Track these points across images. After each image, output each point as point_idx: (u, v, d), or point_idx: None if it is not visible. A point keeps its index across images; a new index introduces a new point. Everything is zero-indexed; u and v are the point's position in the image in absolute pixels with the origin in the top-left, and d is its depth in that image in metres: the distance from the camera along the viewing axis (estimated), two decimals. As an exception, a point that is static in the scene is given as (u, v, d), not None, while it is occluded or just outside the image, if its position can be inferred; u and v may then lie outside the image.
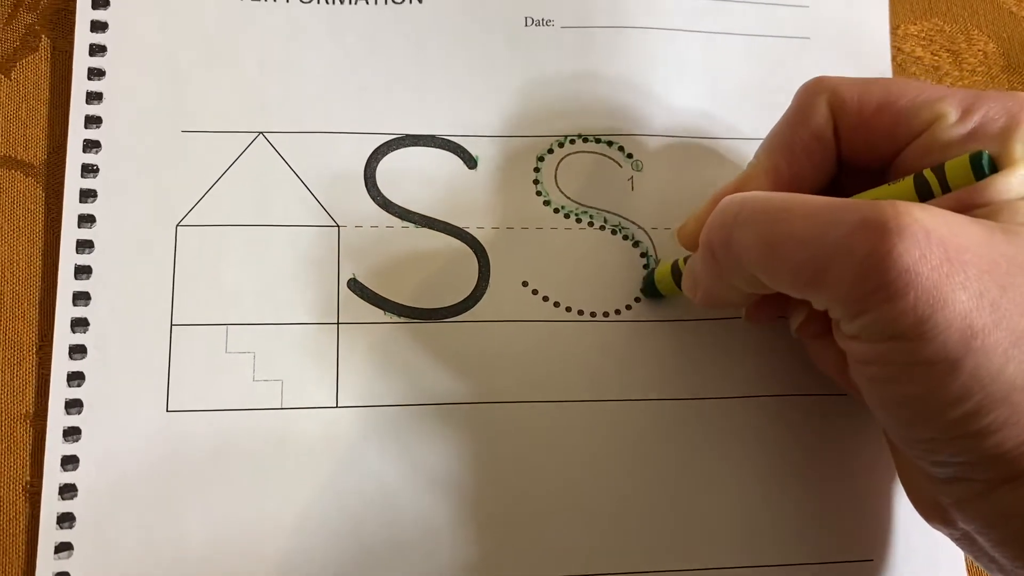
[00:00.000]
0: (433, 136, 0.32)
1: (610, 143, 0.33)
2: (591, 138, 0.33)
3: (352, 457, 0.29)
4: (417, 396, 0.30)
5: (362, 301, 0.30)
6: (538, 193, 0.32)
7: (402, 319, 0.31)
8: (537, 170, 0.32)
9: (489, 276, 0.31)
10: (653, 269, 0.31)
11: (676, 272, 0.30)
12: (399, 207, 0.31)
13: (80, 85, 0.31)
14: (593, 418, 0.30)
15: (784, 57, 0.34)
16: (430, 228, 0.31)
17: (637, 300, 0.31)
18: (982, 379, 0.21)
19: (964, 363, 0.21)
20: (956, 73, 0.35)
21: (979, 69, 0.35)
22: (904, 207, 0.21)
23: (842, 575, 0.30)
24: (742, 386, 0.31)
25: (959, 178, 0.23)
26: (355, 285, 0.31)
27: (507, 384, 0.30)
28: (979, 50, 0.35)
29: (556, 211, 0.32)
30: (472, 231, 0.31)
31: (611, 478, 0.30)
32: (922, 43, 0.35)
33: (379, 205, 0.31)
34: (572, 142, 0.33)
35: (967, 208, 0.23)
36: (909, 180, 0.24)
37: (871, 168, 0.27)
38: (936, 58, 0.35)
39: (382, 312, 0.30)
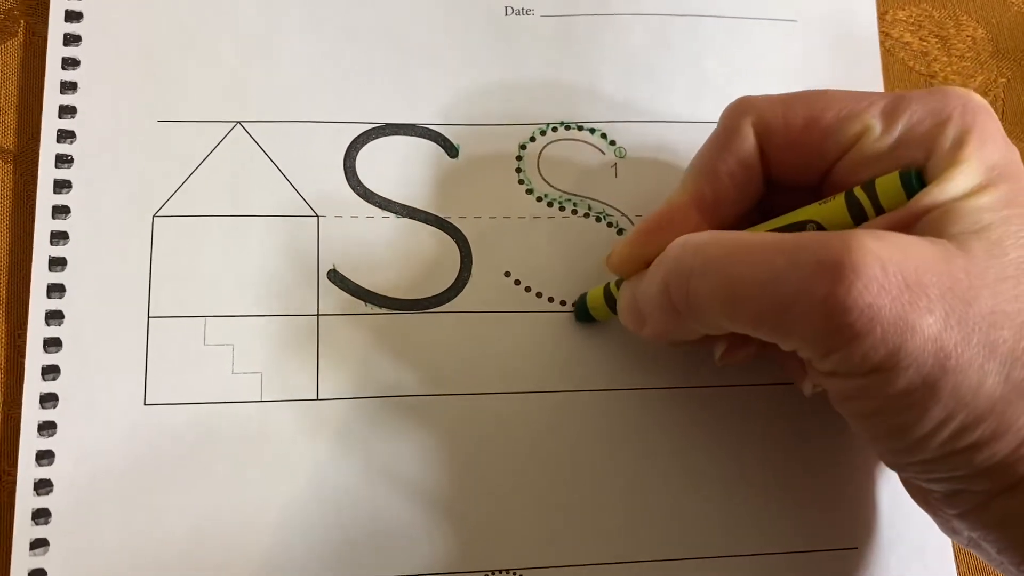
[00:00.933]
0: (414, 125, 0.32)
1: (592, 130, 0.32)
2: (573, 126, 0.32)
3: (333, 449, 0.29)
4: (399, 388, 0.30)
5: (343, 292, 0.30)
6: (520, 182, 0.32)
7: (383, 310, 0.30)
8: (519, 159, 0.32)
9: (471, 266, 0.31)
10: (585, 294, 0.30)
11: (609, 296, 0.29)
12: (379, 197, 0.31)
13: (54, 75, 0.30)
14: (577, 408, 0.30)
15: (770, 40, 0.34)
16: (411, 218, 0.31)
17: (622, 289, 0.31)
18: (963, 397, 0.21)
19: (943, 385, 0.21)
20: (944, 59, 0.34)
21: (968, 55, 0.34)
22: (856, 240, 0.21)
23: (827, 563, 0.30)
24: (729, 375, 0.31)
25: (891, 198, 0.23)
26: (335, 276, 0.30)
27: (490, 375, 0.30)
28: (968, 36, 0.35)
29: (539, 200, 0.32)
30: (454, 221, 0.31)
31: (596, 468, 0.30)
32: (910, 28, 0.35)
33: (359, 195, 0.31)
34: (554, 130, 0.32)
35: (913, 218, 0.23)
36: (840, 199, 0.24)
37: (805, 185, 0.26)
38: (924, 43, 0.34)
39: (363, 303, 0.30)
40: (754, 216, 0.27)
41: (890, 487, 0.30)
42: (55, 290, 0.29)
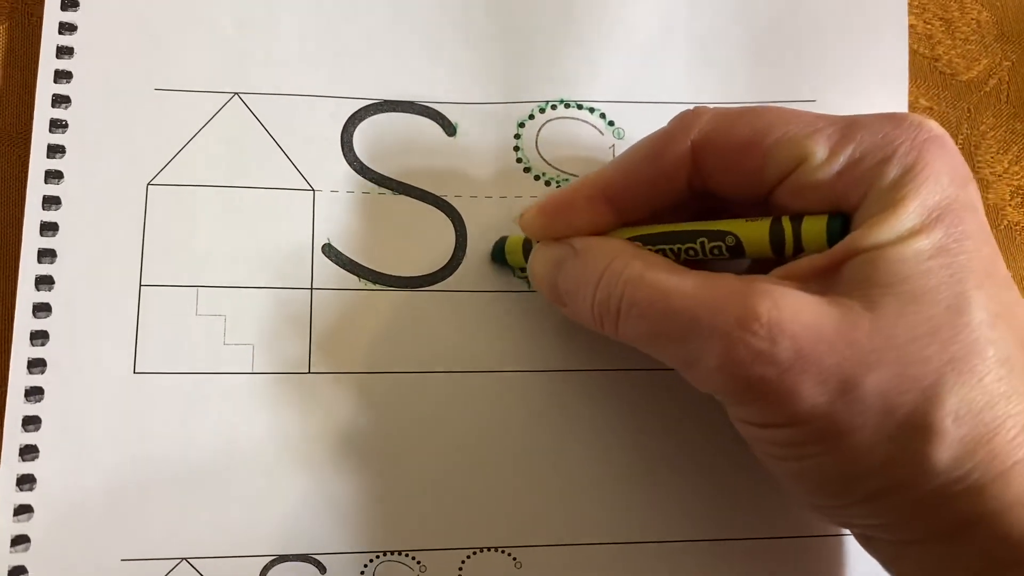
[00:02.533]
0: (412, 102, 0.31)
1: (592, 110, 0.32)
2: (572, 104, 0.32)
3: (323, 423, 0.29)
4: (391, 364, 0.29)
5: (337, 267, 0.30)
6: (518, 160, 0.31)
7: (377, 286, 0.30)
8: (517, 136, 0.32)
9: (466, 246, 0.31)
10: (506, 237, 0.30)
11: (528, 249, 0.29)
12: (376, 173, 0.31)
13: (50, 40, 0.30)
14: (570, 388, 0.30)
15: (780, 16, 0.33)
16: (407, 195, 0.31)
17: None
18: (855, 456, 0.22)
19: (833, 446, 0.22)
20: (949, 42, 0.34)
21: (972, 38, 0.34)
22: (758, 299, 0.21)
23: (820, 549, 0.30)
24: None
25: (814, 240, 0.23)
26: (330, 251, 0.30)
27: (481, 354, 0.30)
28: (972, 19, 0.35)
29: (537, 178, 0.31)
30: (450, 199, 0.31)
31: (588, 448, 0.29)
32: (915, 11, 0.34)
33: (356, 170, 0.31)
34: (553, 108, 0.32)
35: (835, 262, 0.22)
36: (766, 224, 0.24)
37: (746, 201, 0.26)
38: (929, 26, 0.34)
39: (357, 279, 0.30)
40: (677, 213, 0.27)
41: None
42: (46, 255, 0.29)
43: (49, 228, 0.29)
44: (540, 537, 0.29)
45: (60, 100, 0.30)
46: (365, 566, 0.28)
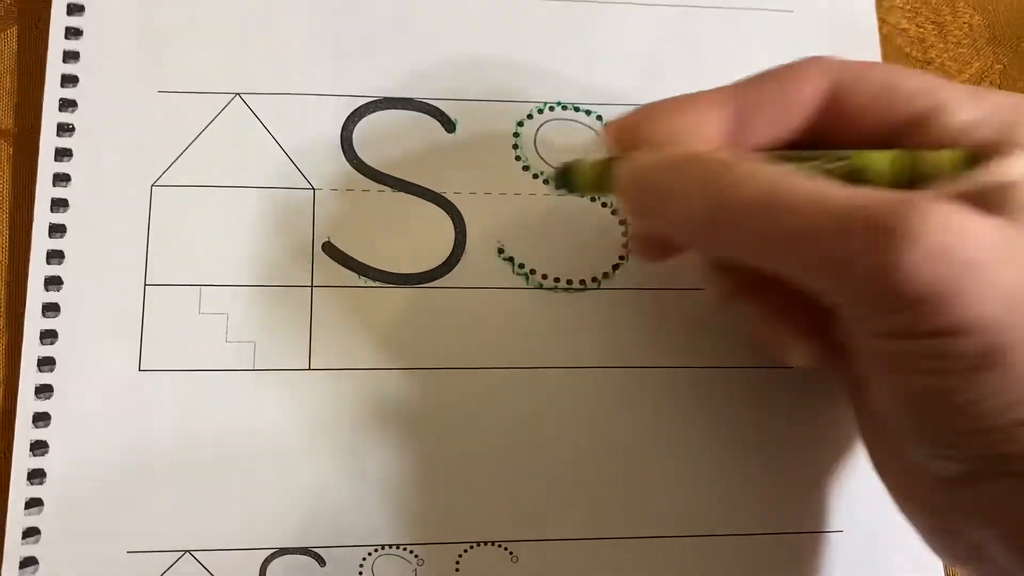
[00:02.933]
0: (411, 99, 0.32)
1: (588, 112, 0.32)
2: (570, 106, 0.32)
3: (323, 419, 0.29)
4: (391, 360, 0.30)
5: (337, 264, 0.30)
6: (517, 158, 0.32)
7: (377, 283, 0.30)
8: (516, 135, 0.32)
9: (465, 242, 0.31)
10: (577, 160, 0.27)
11: (607, 171, 0.26)
12: (376, 170, 0.31)
13: (57, 44, 0.31)
14: (567, 385, 0.30)
15: (767, 30, 0.34)
16: (406, 192, 0.31)
17: (615, 268, 0.31)
18: (1019, 376, 0.20)
19: (1002, 359, 0.20)
20: (941, 45, 0.34)
21: (964, 41, 0.34)
22: (913, 205, 0.20)
23: (813, 545, 0.30)
24: (715, 356, 0.31)
25: (949, 169, 0.22)
26: (330, 248, 0.30)
27: (480, 350, 0.30)
28: (964, 22, 0.35)
29: (535, 176, 0.32)
30: (449, 196, 0.31)
31: (585, 444, 0.30)
32: (907, 15, 0.35)
33: (355, 168, 0.31)
34: (551, 109, 0.32)
35: (969, 195, 0.22)
36: (893, 154, 0.23)
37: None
38: (921, 30, 0.34)
39: (356, 276, 0.30)
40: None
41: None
42: (54, 256, 0.29)
43: (57, 230, 0.29)
44: (536, 532, 0.29)
45: (67, 104, 0.30)
46: (364, 559, 0.29)
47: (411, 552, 0.29)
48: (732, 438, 0.30)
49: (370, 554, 0.29)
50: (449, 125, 0.32)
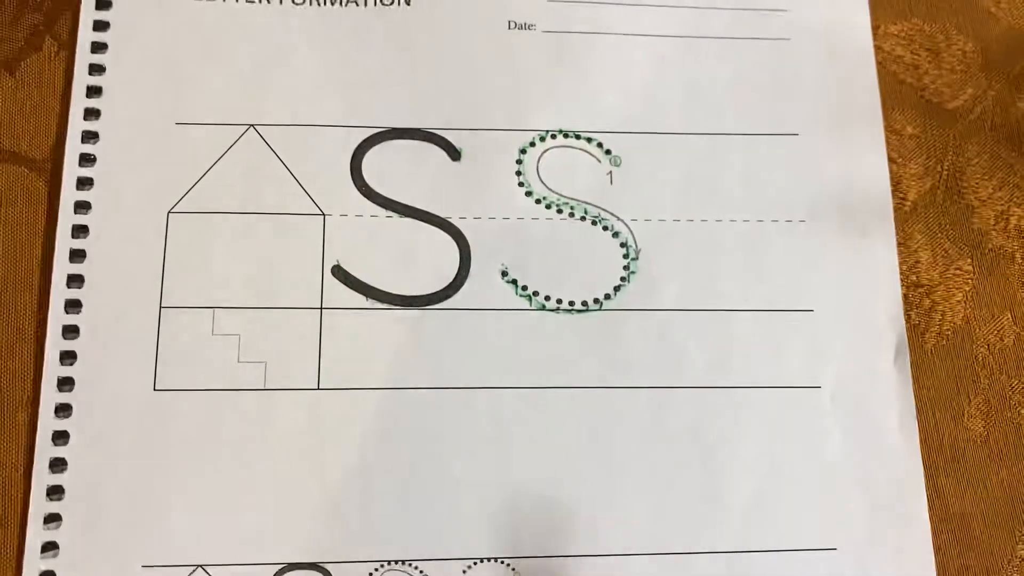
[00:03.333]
0: (418, 129, 0.33)
1: (589, 139, 0.33)
2: (571, 134, 0.33)
3: (332, 437, 0.30)
4: (397, 381, 0.31)
5: (345, 287, 0.31)
6: (520, 184, 0.33)
7: (384, 306, 0.31)
8: (519, 162, 0.33)
9: (470, 265, 0.32)
10: None
11: None
12: (383, 197, 0.32)
13: (81, 79, 0.32)
14: (570, 405, 0.31)
15: (765, 58, 0.35)
16: (413, 218, 0.32)
17: (616, 289, 0.32)
18: None
19: None
20: (935, 72, 0.35)
21: (958, 68, 0.35)
22: None
23: (806, 564, 0.30)
24: (712, 376, 0.31)
25: None
26: (339, 272, 0.32)
27: (484, 371, 0.31)
28: (958, 49, 0.36)
29: (538, 202, 0.33)
30: (454, 221, 0.32)
31: (587, 463, 0.31)
32: (902, 42, 0.35)
33: (364, 195, 0.32)
34: (553, 137, 0.33)
35: None
36: None
37: None
38: (916, 56, 0.35)
39: (364, 298, 0.31)
40: None
41: (869, 488, 0.31)
42: (75, 280, 0.31)
43: (78, 255, 0.31)
44: (539, 549, 0.30)
45: (89, 136, 0.32)
46: (371, 574, 0.29)
47: (417, 568, 0.29)
48: (723, 457, 0.31)
49: (377, 569, 0.29)
50: (454, 153, 0.33)
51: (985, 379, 0.32)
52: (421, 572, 0.29)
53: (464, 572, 0.30)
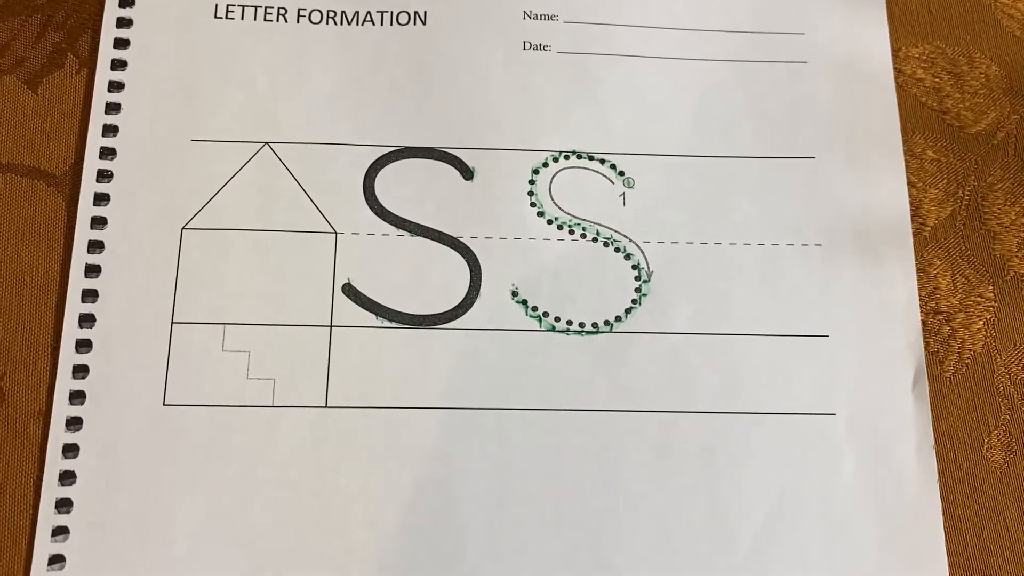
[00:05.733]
0: (432, 148, 0.33)
1: (602, 160, 0.33)
2: (584, 155, 0.33)
3: (339, 455, 0.30)
4: (405, 399, 0.31)
5: (355, 306, 0.31)
6: (532, 204, 0.33)
7: (393, 324, 0.31)
8: (532, 182, 0.33)
9: (480, 285, 0.32)
10: None
11: None
12: (395, 216, 0.32)
13: (101, 96, 0.33)
14: (578, 428, 0.31)
15: (781, 81, 0.35)
16: (425, 237, 0.32)
17: (627, 312, 0.32)
18: None
19: None
20: (957, 95, 0.35)
21: (981, 91, 0.35)
22: None
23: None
24: (724, 401, 0.31)
25: None
26: (349, 290, 0.32)
27: (493, 392, 0.31)
28: (981, 73, 0.35)
29: (549, 222, 0.33)
30: (466, 240, 0.32)
31: (597, 486, 0.30)
32: (923, 65, 0.35)
33: (376, 213, 0.32)
34: (566, 158, 0.33)
35: None
36: None
37: None
38: (937, 80, 0.35)
39: (374, 317, 0.31)
40: None
41: (884, 519, 0.30)
42: (89, 295, 0.31)
43: (92, 270, 0.31)
44: (544, 572, 0.29)
45: (107, 152, 0.32)
46: (374, 594, 0.29)
47: (420, 589, 0.29)
48: (739, 483, 0.30)
49: (379, 590, 0.29)
50: (467, 173, 0.33)
51: (1006, 409, 0.32)
52: (425, 594, 0.29)
53: (468, 595, 0.29)
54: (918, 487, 0.31)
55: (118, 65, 0.33)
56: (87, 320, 0.31)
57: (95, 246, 0.31)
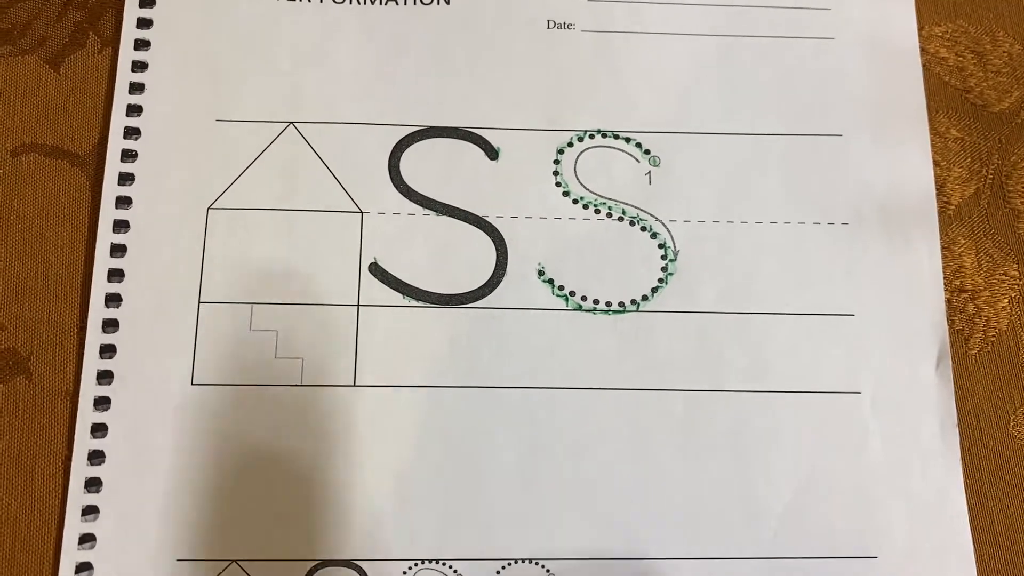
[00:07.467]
0: (457, 128, 0.33)
1: (628, 139, 0.33)
2: (609, 134, 0.33)
3: (368, 435, 0.30)
4: (433, 379, 0.31)
5: (382, 285, 0.31)
6: (557, 184, 0.33)
7: (420, 303, 0.31)
8: (557, 162, 0.33)
9: (506, 264, 0.32)
10: None
11: None
12: (421, 195, 0.32)
13: (124, 76, 0.33)
14: (605, 406, 0.31)
15: (807, 57, 0.34)
16: (450, 216, 0.32)
17: (654, 291, 0.32)
18: None
19: None
20: (981, 74, 0.35)
21: (1004, 70, 0.35)
22: None
23: (845, 571, 0.30)
24: (750, 380, 0.31)
25: None
26: (376, 269, 0.32)
27: (520, 371, 0.31)
28: (1004, 51, 0.35)
29: (575, 202, 0.33)
30: (491, 220, 0.32)
31: (623, 465, 0.30)
32: (946, 44, 0.35)
33: (402, 193, 0.32)
34: (592, 137, 0.33)
35: None
36: None
37: None
38: (961, 59, 0.35)
39: (401, 296, 0.31)
40: None
41: (910, 496, 0.30)
42: (115, 275, 0.31)
43: (118, 250, 0.31)
44: (574, 550, 0.30)
45: (131, 132, 0.32)
46: (404, 573, 0.29)
47: (451, 567, 0.29)
48: (767, 461, 0.31)
49: (411, 568, 0.29)
50: (492, 152, 0.33)
51: (1031, 387, 0.32)
52: (455, 572, 0.29)
53: (498, 572, 0.29)
54: (942, 464, 0.31)
55: (141, 45, 0.33)
56: (113, 300, 0.31)
57: (120, 225, 0.31)
